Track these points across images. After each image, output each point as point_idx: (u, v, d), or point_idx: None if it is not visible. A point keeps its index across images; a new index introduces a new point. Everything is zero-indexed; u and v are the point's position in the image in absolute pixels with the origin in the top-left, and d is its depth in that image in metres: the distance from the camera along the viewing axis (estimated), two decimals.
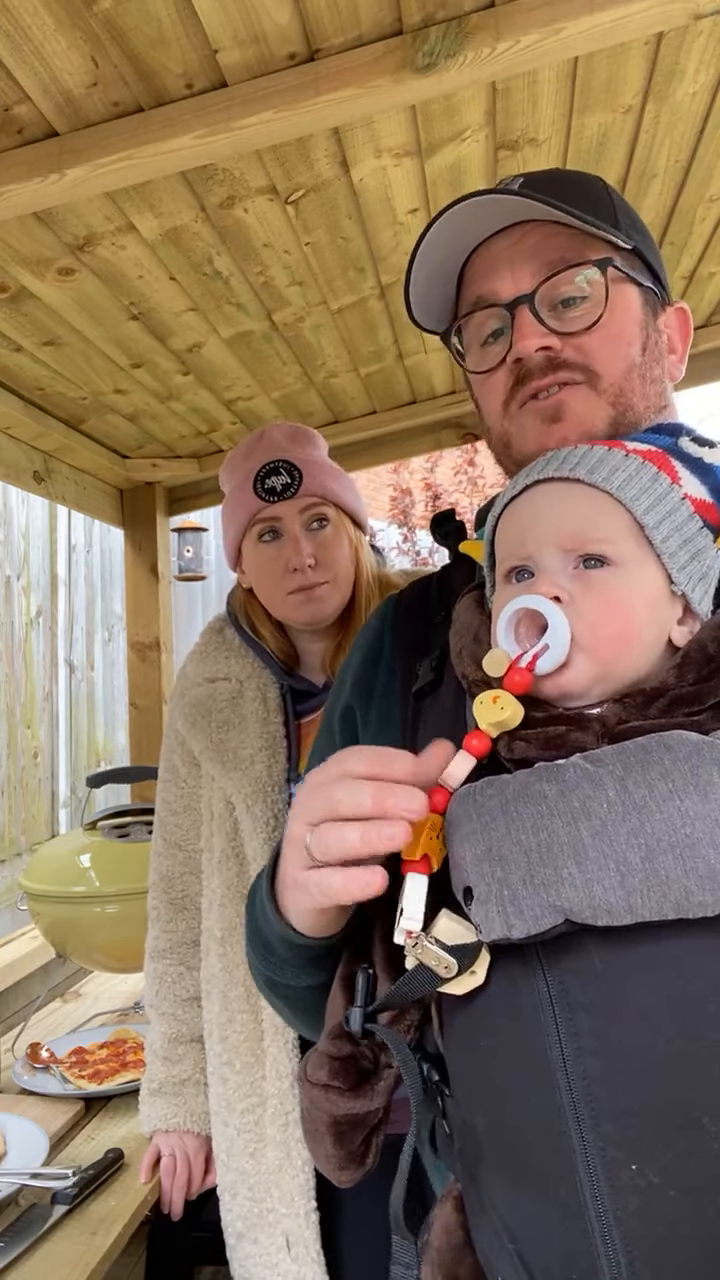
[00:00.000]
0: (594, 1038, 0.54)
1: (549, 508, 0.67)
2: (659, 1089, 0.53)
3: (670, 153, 1.41)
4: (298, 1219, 1.25)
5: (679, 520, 0.65)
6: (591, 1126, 0.53)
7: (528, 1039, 0.56)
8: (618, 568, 0.64)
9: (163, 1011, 1.49)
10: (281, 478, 1.37)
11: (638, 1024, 0.54)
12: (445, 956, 0.57)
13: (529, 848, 0.54)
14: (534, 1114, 0.56)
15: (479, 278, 0.80)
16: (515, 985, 0.58)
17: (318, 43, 1.03)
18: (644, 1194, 0.52)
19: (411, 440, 2.50)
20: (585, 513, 0.65)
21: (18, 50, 0.97)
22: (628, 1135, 0.53)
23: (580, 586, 0.63)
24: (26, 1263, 1.20)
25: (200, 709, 1.45)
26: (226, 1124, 1.35)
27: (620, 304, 0.78)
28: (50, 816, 3.60)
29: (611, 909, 0.52)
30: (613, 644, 0.62)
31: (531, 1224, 0.56)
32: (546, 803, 0.55)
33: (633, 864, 0.52)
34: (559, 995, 0.56)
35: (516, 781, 0.57)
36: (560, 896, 0.53)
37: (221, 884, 1.39)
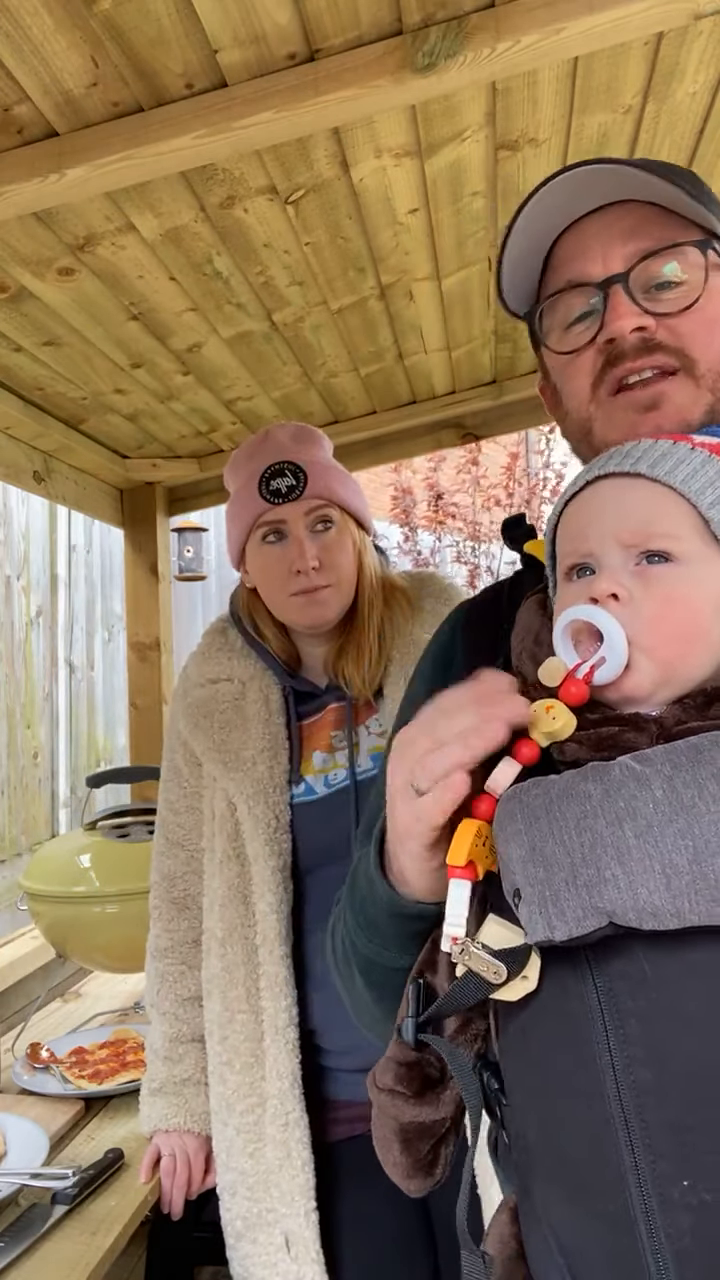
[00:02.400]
0: (644, 1047, 0.53)
1: (611, 503, 0.65)
2: (712, 1102, 0.51)
3: (670, 153, 1.41)
4: (297, 1218, 1.25)
5: None
6: (642, 1139, 0.52)
7: (578, 1046, 0.55)
8: (681, 564, 0.62)
9: (164, 1011, 1.49)
10: (286, 479, 1.37)
11: (689, 1033, 0.52)
12: (493, 961, 0.56)
13: (572, 848, 0.53)
14: (584, 1125, 0.54)
15: (569, 259, 0.78)
16: (565, 991, 0.56)
17: (318, 43, 1.03)
18: (696, 1211, 0.50)
19: (411, 440, 2.50)
20: (648, 508, 0.63)
21: (18, 50, 0.97)
22: (680, 1150, 0.51)
23: (641, 584, 0.61)
24: (26, 1263, 1.20)
25: (202, 710, 1.44)
26: (226, 1124, 1.35)
27: (713, 288, 0.75)
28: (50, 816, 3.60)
29: (657, 912, 0.51)
30: (674, 643, 0.60)
31: (582, 1238, 0.55)
32: (591, 802, 0.53)
33: (679, 866, 0.50)
34: (608, 1001, 0.54)
35: (562, 781, 0.56)
36: (603, 898, 0.51)
37: (223, 884, 1.39)
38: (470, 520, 7.17)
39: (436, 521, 7.31)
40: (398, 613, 1.44)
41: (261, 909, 1.33)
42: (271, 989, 1.31)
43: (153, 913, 1.54)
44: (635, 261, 0.74)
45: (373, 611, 1.43)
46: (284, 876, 1.33)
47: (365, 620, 1.42)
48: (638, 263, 0.74)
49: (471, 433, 2.48)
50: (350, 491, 1.44)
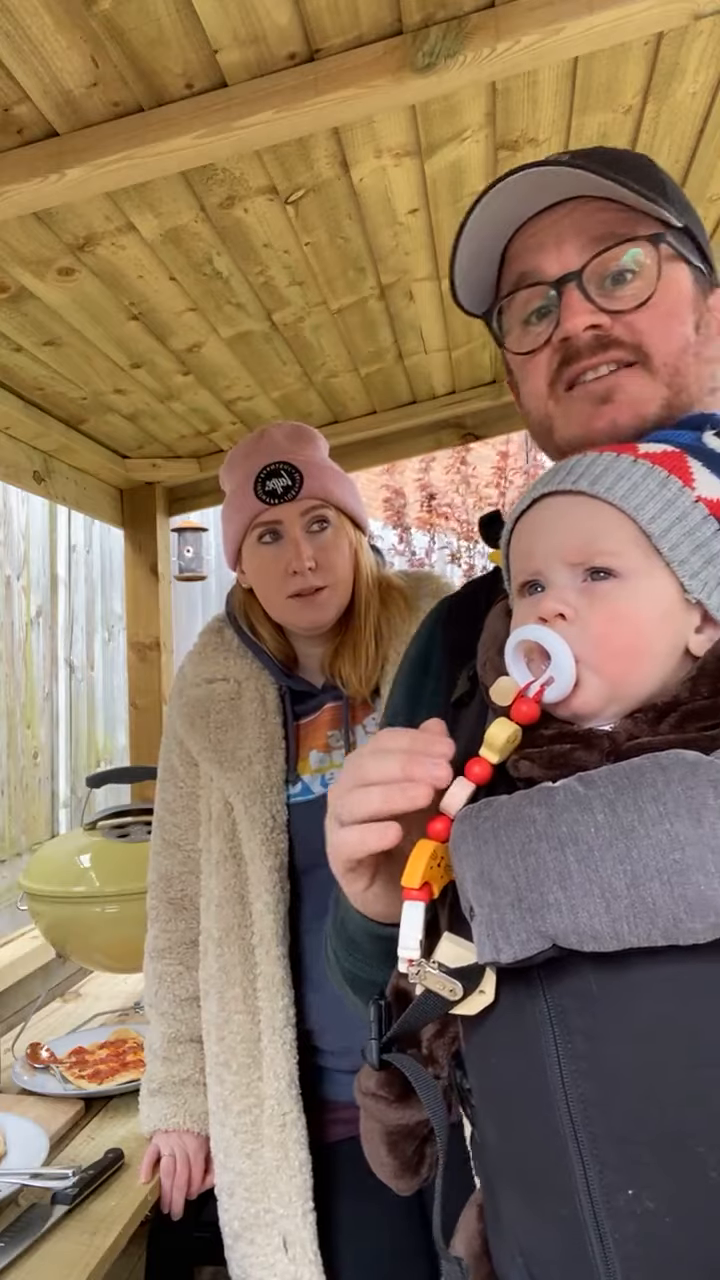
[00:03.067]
0: (591, 1061, 0.54)
1: (555, 521, 0.66)
2: (654, 1116, 0.52)
3: (670, 153, 1.41)
4: (295, 1219, 1.25)
5: (690, 525, 0.63)
6: (590, 1149, 0.53)
7: (531, 1059, 0.56)
8: (624, 579, 0.62)
9: (162, 1011, 1.49)
10: (282, 480, 1.37)
11: (633, 1049, 0.53)
12: (448, 980, 0.58)
13: (517, 872, 0.54)
14: (537, 1133, 0.56)
15: (522, 255, 0.78)
16: (519, 1006, 0.58)
17: (318, 43, 1.03)
18: (640, 1219, 0.52)
19: (411, 440, 2.49)
20: (589, 525, 0.63)
21: (18, 50, 0.97)
22: (624, 1160, 0.53)
23: (587, 601, 0.62)
24: (26, 1263, 1.20)
25: (199, 709, 1.44)
26: (224, 1124, 1.35)
27: (672, 281, 0.75)
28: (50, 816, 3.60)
29: (598, 936, 0.52)
30: (621, 659, 0.61)
31: (537, 1240, 0.57)
32: (535, 827, 0.54)
33: (618, 890, 0.51)
34: (558, 1018, 0.56)
35: (510, 804, 0.57)
36: (546, 923, 0.52)
37: (219, 884, 1.39)
38: (464, 520, 7.17)
39: (429, 523, 7.31)
40: (395, 612, 1.44)
41: (258, 909, 1.33)
42: (268, 989, 1.31)
43: (150, 913, 1.54)
44: (589, 257, 0.74)
45: (370, 611, 1.42)
46: (281, 876, 1.33)
47: (362, 620, 1.42)
48: (591, 259, 0.74)
49: (472, 433, 2.48)
50: (346, 491, 1.44)
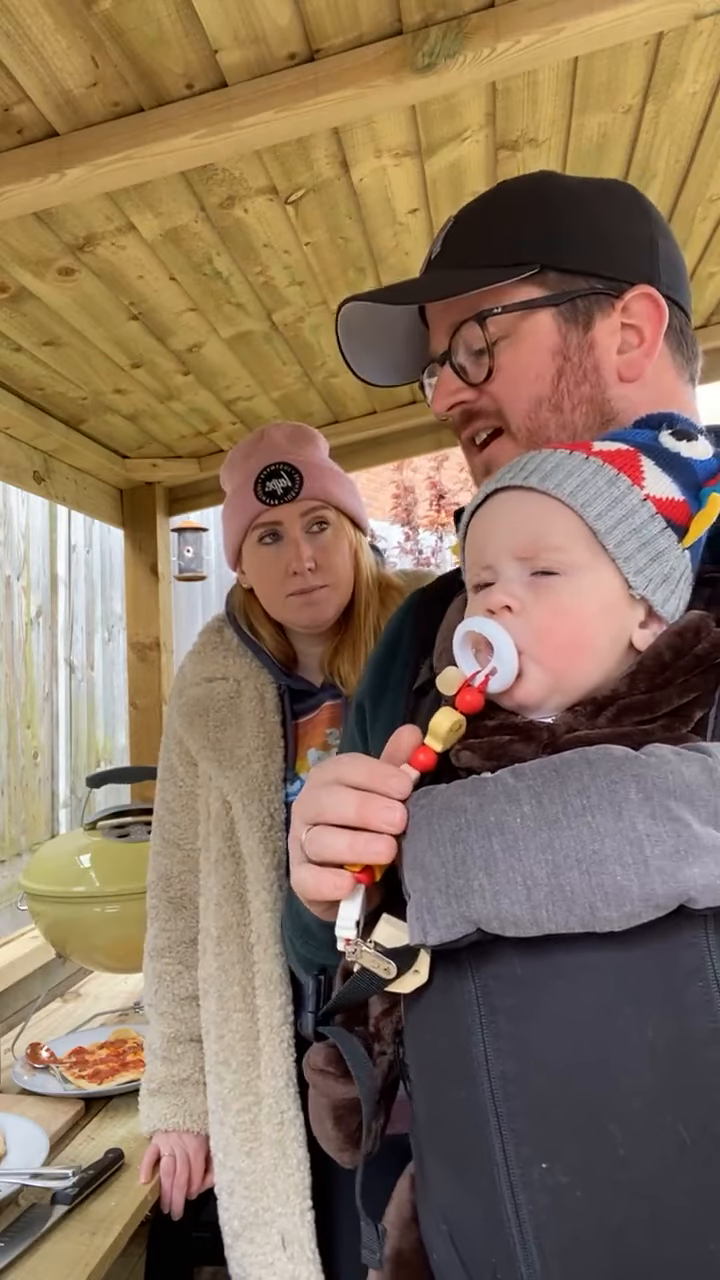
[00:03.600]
0: (512, 1040, 0.57)
1: (505, 517, 0.67)
2: (568, 1093, 0.55)
3: (670, 153, 1.41)
4: (293, 1218, 1.25)
5: (637, 522, 0.64)
6: (508, 1124, 0.56)
7: (458, 1037, 0.59)
8: (570, 575, 0.64)
9: (161, 1011, 1.49)
10: (282, 480, 1.37)
11: (551, 1030, 0.56)
12: (382, 959, 0.61)
13: (446, 859, 0.56)
14: (461, 1107, 0.59)
15: (429, 331, 0.85)
16: (450, 986, 0.60)
17: (318, 43, 1.03)
18: (553, 1192, 0.55)
19: (412, 440, 2.49)
20: (537, 520, 0.65)
21: (18, 50, 0.97)
22: (539, 1135, 0.55)
23: (533, 595, 0.64)
24: (26, 1263, 1.20)
25: (198, 708, 1.45)
26: (223, 1123, 1.35)
27: (524, 339, 0.77)
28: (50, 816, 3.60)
29: (518, 921, 0.54)
30: (562, 652, 0.63)
31: (460, 1210, 0.60)
32: (465, 815, 0.56)
33: (539, 879, 0.53)
34: (484, 998, 0.58)
35: (445, 794, 0.59)
36: (470, 908, 0.54)
37: (218, 883, 1.39)
38: None
39: (439, 522, 7.30)
40: (394, 611, 1.44)
41: (256, 907, 1.33)
42: (266, 987, 1.31)
43: (150, 912, 1.54)
44: (450, 337, 0.79)
45: (369, 610, 1.43)
46: (279, 875, 1.33)
47: (362, 619, 1.42)
48: (450, 342, 0.79)
49: None
50: (346, 492, 1.44)
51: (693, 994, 0.53)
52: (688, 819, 0.52)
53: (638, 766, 0.54)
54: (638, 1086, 0.54)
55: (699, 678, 0.61)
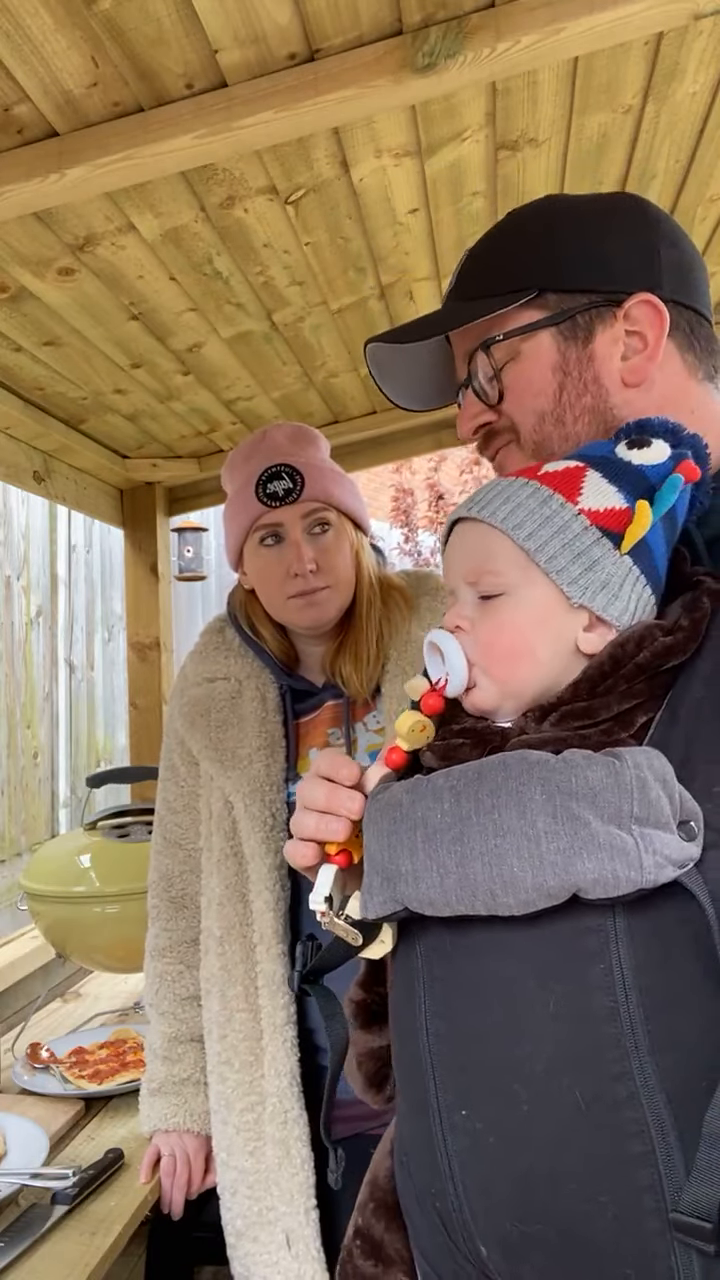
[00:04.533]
0: (442, 1004, 0.67)
1: (457, 546, 0.76)
2: (482, 1054, 0.64)
3: (670, 153, 1.41)
4: (297, 1216, 1.25)
5: (569, 536, 0.69)
6: (439, 1075, 0.66)
7: (409, 997, 0.69)
8: (509, 594, 0.71)
9: (162, 1011, 1.49)
10: (283, 482, 1.37)
11: (469, 997, 0.65)
12: (351, 930, 0.71)
13: (384, 846, 0.66)
14: (411, 1056, 0.69)
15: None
16: (406, 954, 0.71)
17: (318, 43, 1.03)
18: (471, 1135, 0.64)
19: (412, 440, 2.50)
20: (478, 548, 0.73)
21: (18, 50, 0.97)
22: (460, 1087, 0.65)
23: (480, 614, 0.72)
24: (26, 1263, 1.20)
25: (199, 708, 1.45)
26: (226, 1122, 1.35)
27: (527, 360, 0.82)
28: (50, 816, 3.60)
29: (433, 903, 0.63)
30: (505, 662, 0.70)
31: (414, 1144, 0.70)
32: (400, 810, 0.65)
33: (449, 868, 0.61)
34: (425, 967, 0.68)
35: (393, 791, 0.68)
36: (398, 890, 0.64)
37: (220, 883, 1.39)
38: None
39: (438, 523, 7.31)
40: (395, 612, 1.44)
41: (259, 907, 1.33)
42: (269, 987, 1.31)
43: (151, 912, 1.54)
44: (467, 364, 0.85)
45: (371, 611, 1.43)
46: (281, 874, 1.33)
47: (363, 620, 1.42)
48: (469, 368, 0.85)
49: None
50: (347, 493, 1.44)
51: (594, 974, 0.59)
52: (587, 818, 0.58)
53: (545, 770, 0.61)
54: (539, 1052, 0.61)
55: (644, 684, 0.66)
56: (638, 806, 0.58)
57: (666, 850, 0.57)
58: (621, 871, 0.57)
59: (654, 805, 0.58)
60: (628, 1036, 0.58)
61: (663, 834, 0.58)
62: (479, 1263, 0.64)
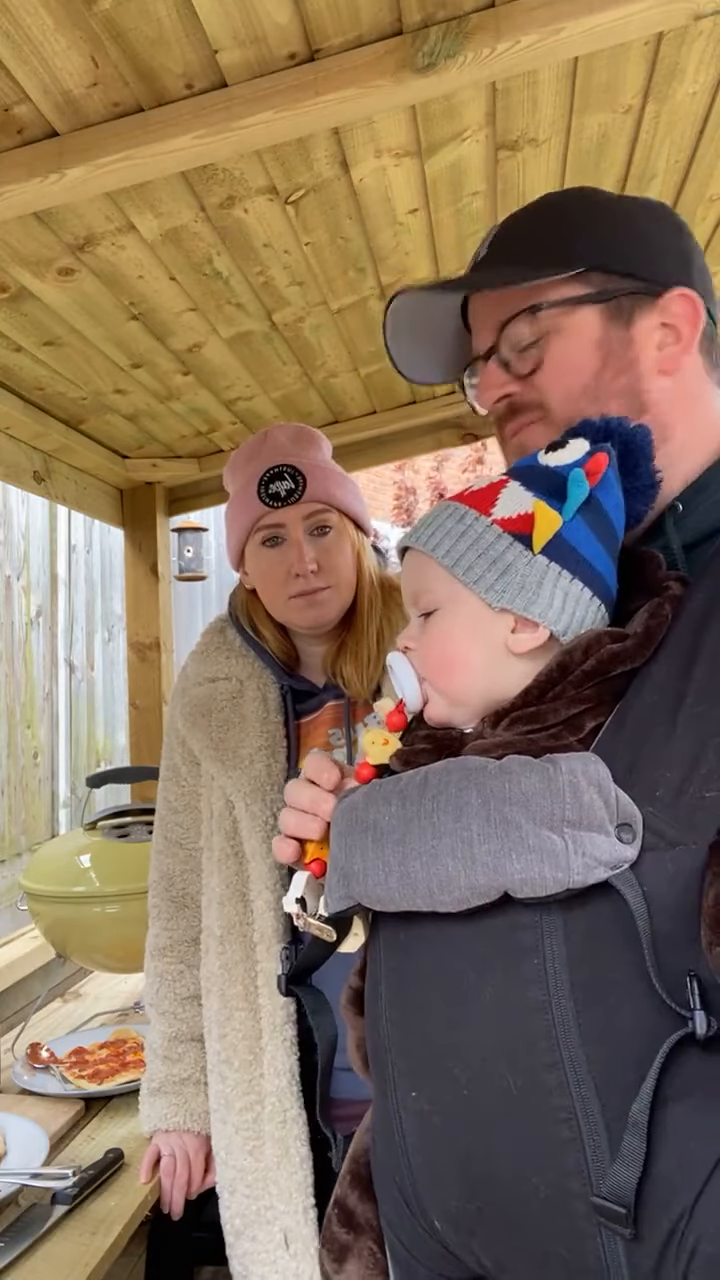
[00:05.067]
0: (395, 992, 0.71)
1: (404, 574, 0.82)
2: (425, 1039, 0.68)
3: (670, 153, 1.41)
4: (296, 1215, 1.25)
5: (482, 546, 0.74)
6: (395, 1058, 0.70)
7: (373, 986, 0.75)
8: (441, 611, 0.76)
9: (163, 1010, 1.49)
10: (285, 483, 1.37)
11: (416, 986, 0.69)
12: (325, 927, 0.76)
13: (342, 847, 0.71)
14: (374, 1042, 0.75)
15: (472, 333, 0.90)
16: (372, 947, 0.76)
17: (318, 43, 1.03)
18: (420, 1116, 0.68)
19: (412, 440, 2.50)
20: (414, 573, 0.79)
21: (18, 50, 0.97)
22: (410, 1070, 0.69)
23: (422, 633, 0.77)
24: (26, 1263, 1.20)
25: (200, 708, 1.45)
26: (225, 1121, 1.35)
27: (569, 335, 0.81)
28: (50, 816, 3.60)
29: (380, 900, 0.68)
30: (444, 674, 0.75)
31: (377, 1119, 0.75)
32: (356, 813, 0.70)
33: (392, 866, 0.66)
34: (385, 958, 0.73)
35: (352, 797, 0.73)
36: (350, 887, 0.69)
37: (221, 882, 1.39)
38: None
39: None
40: (396, 613, 1.44)
41: (259, 906, 1.33)
42: (269, 986, 1.31)
43: (151, 911, 1.54)
44: (497, 333, 0.84)
45: (371, 611, 1.43)
46: (281, 874, 1.33)
47: (364, 620, 1.42)
48: (498, 337, 0.84)
49: (471, 433, 2.48)
50: (349, 494, 1.44)
51: (528, 968, 0.62)
52: (519, 821, 0.61)
53: (483, 776, 0.65)
54: (478, 1040, 0.64)
55: (593, 690, 0.68)
56: (569, 810, 0.61)
57: (597, 852, 0.60)
58: (549, 872, 0.60)
59: (586, 809, 0.61)
60: (558, 1027, 0.61)
61: (596, 836, 0.60)
62: (434, 1233, 0.68)
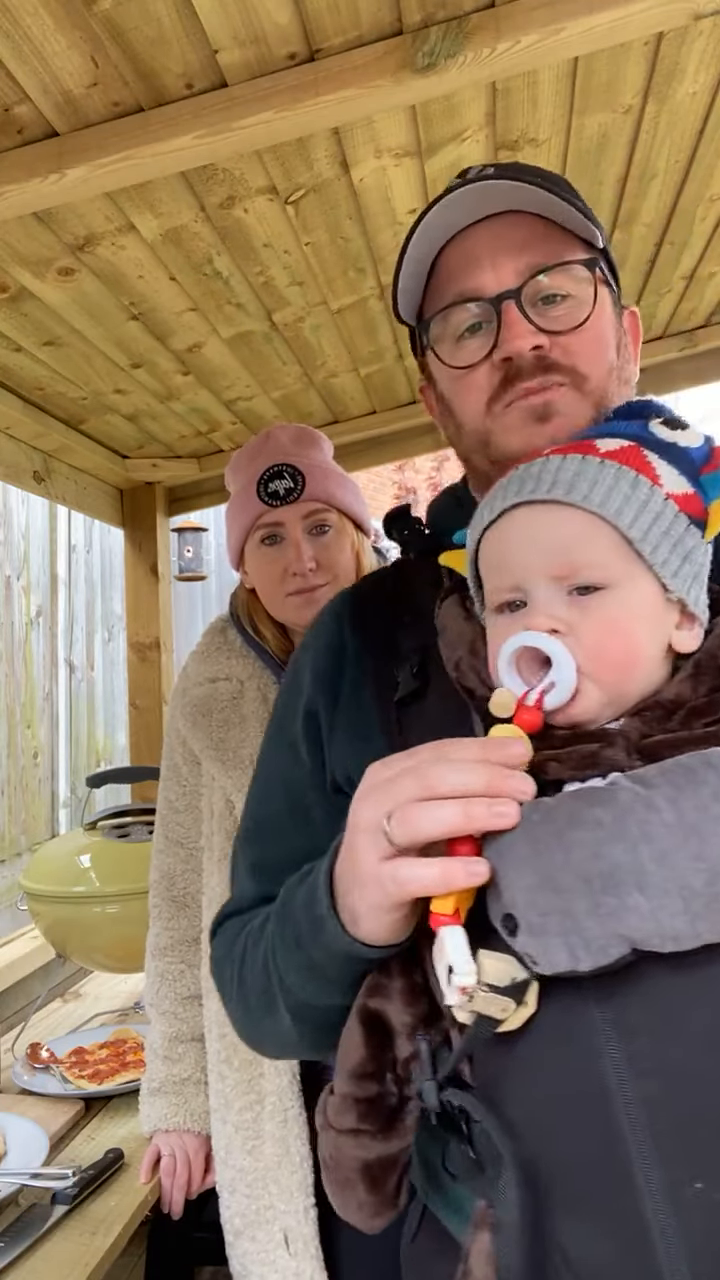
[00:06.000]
0: (653, 1060, 0.53)
1: (534, 536, 0.64)
2: (713, 1110, 0.52)
3: (670, 153, 1.41)
4: (296, 1215, 1.25)
5: (665, 524, 0.63)
6: (652, 1146, 0.52)
7: (582, 1065, 0.55)
8: (612, 590, 0.62)
9: (163, 1010, 1.49)
10: (284, 482, 1.37)
11: (698, 1045, 0.53)
12: (499, 999, 0.55)
13: (589, 875, 0.52)
14: (590, 1140, 0.54)
15: (458, 270, 0.78)
16: (568, 1013, 0.55)
17: (318, 43, 1.03)
18: (708, 1210, 0.51)
19: (411, 440, 2.49)
20: (572, 538, 0.63)
21: (18, 50, 0.97)
22: (689, 1154, 0.52)
23: (578, 614, 0.61)
24: (26, 1263, 1.20)
25: (201, 708, 1.45)
26: (225, 1121, 1.35)
27: (602, 305, 0.78)
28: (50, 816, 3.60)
29: (678, 935, 0.51)
30: (618, 668, 0.61)
31: (592, 1251, 0.54)
32: (603, 829, 0.53)
33: (696, 889, 0.50)
34: (615, 1019, 0.54)
35: (564, 806, 0.55)
36: (626, 925, 0.51)
37: (220, 882, 1.39)
38: None
39: None
40: None
41: None
42: None
43: (152, 911, 1.55)
44: (527, 277, 0.75)
45: None
46: None
47: None
48: (530, 278, 0.75)
49: None
50: (349, 494, 1.44)
51: None
52: None
53: None
54: None
55: None
56: None
57: None
58: None
59: None
60: None
61: None
62: None
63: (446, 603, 0.76)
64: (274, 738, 0.92)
